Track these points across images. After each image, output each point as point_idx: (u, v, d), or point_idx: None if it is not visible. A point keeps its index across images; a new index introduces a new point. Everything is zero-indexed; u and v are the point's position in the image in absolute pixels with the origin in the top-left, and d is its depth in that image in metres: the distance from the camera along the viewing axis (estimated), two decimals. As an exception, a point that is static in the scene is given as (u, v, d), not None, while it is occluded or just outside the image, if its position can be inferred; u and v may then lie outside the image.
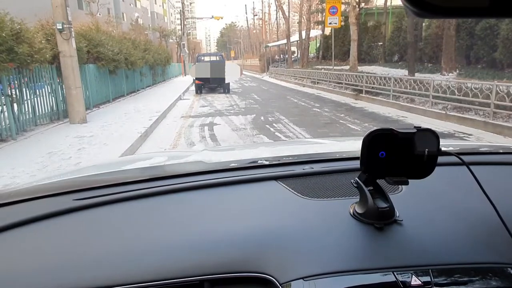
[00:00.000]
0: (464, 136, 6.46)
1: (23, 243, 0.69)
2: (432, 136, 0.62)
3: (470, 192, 0.70)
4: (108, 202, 0.78)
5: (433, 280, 0.56)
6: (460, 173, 0.75)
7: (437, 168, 0.64)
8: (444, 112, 8.02)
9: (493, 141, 5.83)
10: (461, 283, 0.57)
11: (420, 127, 0.62)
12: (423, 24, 15.15)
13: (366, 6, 23.55)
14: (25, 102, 7.01)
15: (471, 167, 0.65)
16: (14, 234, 0.70)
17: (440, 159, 0.63)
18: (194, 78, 15.01)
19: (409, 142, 0.62)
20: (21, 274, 0.61)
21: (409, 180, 0.65)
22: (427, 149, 0.62)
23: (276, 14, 44.98)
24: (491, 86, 6.91)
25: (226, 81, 15.17)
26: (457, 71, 11.62)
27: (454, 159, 0.67)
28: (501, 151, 1.11)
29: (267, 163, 0.95)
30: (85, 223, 0.75)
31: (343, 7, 17.93)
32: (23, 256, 0.65)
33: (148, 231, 0.71)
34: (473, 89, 7.40)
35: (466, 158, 0.66)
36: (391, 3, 21.27)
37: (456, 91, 7.84)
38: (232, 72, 15.07)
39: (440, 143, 0.63)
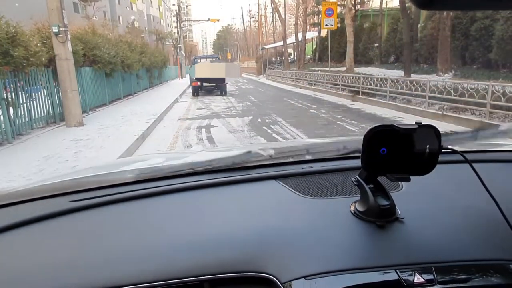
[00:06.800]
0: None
1: (20, 245, 0.68)
2: (434, 132, 0.62)
3: (472, 189, 0.70)
4: (106, 203, 0.77)
5: (436, 277, 0.56)
6: (462, 171, 0.74)
7: (438, 166, 0.63)
8: (440, 112, 8.05)
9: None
10: (465, 280, 0.56)
11: (421, 123, 0.61)
12: (419, 25, 15.23)
13: (361, 8, 23.73)
14: (21, 105, 6.97)
15: (473, 164, 0.65)
16: (11, 236, 0.69)
17: (442, 156, 0.63)
18: (194, 78, 15.08)
19: (411, 138, 0.61)
20: (18, 276, 0.60)
21: (410, 177, 0.64)
22: (428, 146, 0.61)
23: (273, 16, 45.11)
24: (487, 86, 6.95)
25: (226, 81, 15.43)
26: (453, 72, 11.68)
27: (456, 156, 0.66)
28: (503, 148, 1.11)
29: (266, 162, 0.94)
30: (83, 224, 0.74)
31: (339, 9, 17.98)
32: (20, 258, 0.64)
33: (147, 232, 0.70)
34: (469, 89, 7.43)
35: (468, 156, 0.66)
36: (386, 4, 21.40)
37: (452, 91, 7.87)
38: (232, 72, 15.19)
39: (442, 140, 0.62)
